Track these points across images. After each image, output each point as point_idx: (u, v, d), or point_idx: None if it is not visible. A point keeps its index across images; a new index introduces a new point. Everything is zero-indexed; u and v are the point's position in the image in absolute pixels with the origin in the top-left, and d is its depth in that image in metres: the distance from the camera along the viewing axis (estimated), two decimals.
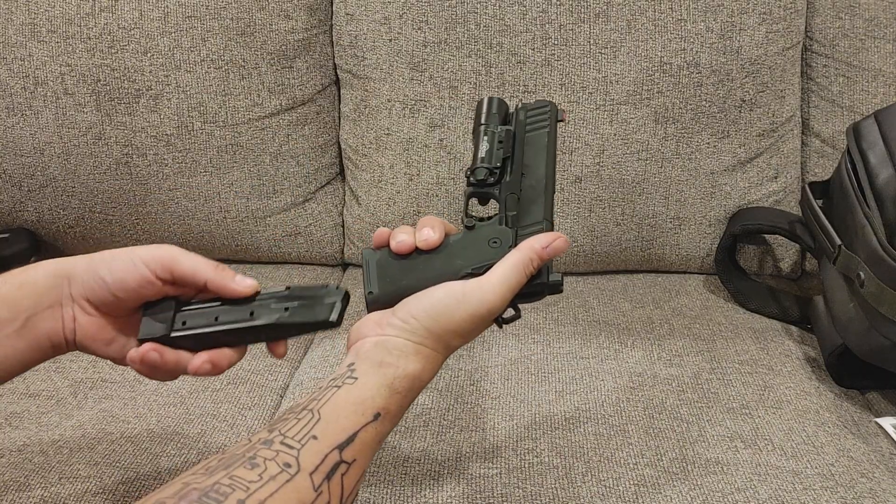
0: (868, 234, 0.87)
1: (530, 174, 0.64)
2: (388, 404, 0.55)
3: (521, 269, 0.59)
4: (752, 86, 1.09)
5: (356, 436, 0.52)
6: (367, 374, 0.55)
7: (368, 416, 0.53)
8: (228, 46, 1.09)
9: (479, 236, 0.62)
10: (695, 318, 1.05)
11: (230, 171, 1.13)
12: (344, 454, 0.51)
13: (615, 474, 0.78)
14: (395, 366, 0.56)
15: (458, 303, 0.58)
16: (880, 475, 0.79)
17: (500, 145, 0.65)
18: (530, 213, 0.63)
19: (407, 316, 0.58)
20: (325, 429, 0.51)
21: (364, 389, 0.54)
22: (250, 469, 0.47)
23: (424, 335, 0.58)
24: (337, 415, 0.52)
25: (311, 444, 0.50)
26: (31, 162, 1.12)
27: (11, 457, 0.80)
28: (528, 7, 1.07)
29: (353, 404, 0.53)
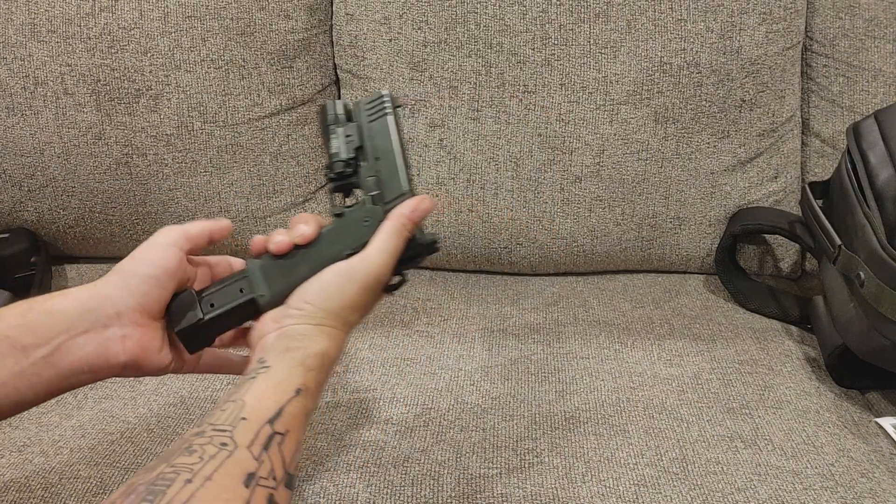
0: (868, 234, 0.87)
1: (384, 156, 0.68)
2: (305, 381, 0.56)
3: (397, 235, 0.63)
4: (752, 86, 1.09)
5: (283, 410, 0.53)
6: (277, 361, 0.56)
7: (290, 393, 0.54)
8: (228, 46, 1.09)
9: (351, 220, 0.65)
10: (695, 318, 1.05)
11: (230, 171, 1.13)
12: (275, 426, 0.52)
13: (615, 474, 0.78)
14: (303, 348, 0.58)
15: (347, 279, 0.61)
16: (880, 475, 0.79)
17: (348, 139, 0.69)
18: (392, 189, 0.66)
19: (301, 303, 0.60)
20: (251, 411, 0.52)
21: (279, 373, 0.55)
22: (189, 455, 0.47)
23: (322, 316, 0.60)
24: (259, 397, 0.53)
25: (241, 424, 0.51)
26: (31, 162, 1.12)
27: (11, 456, 0.80)
28: (528, 7, 1.07)
29: (273, 386, 0.54)
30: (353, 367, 0.94)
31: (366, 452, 0.80)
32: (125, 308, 0.60)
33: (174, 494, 0.44)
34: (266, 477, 0.49)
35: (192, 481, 0.45)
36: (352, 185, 0.69)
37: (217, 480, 0.46)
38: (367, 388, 0.90)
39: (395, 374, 0.92)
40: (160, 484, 0.45)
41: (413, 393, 0.89)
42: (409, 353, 0.96)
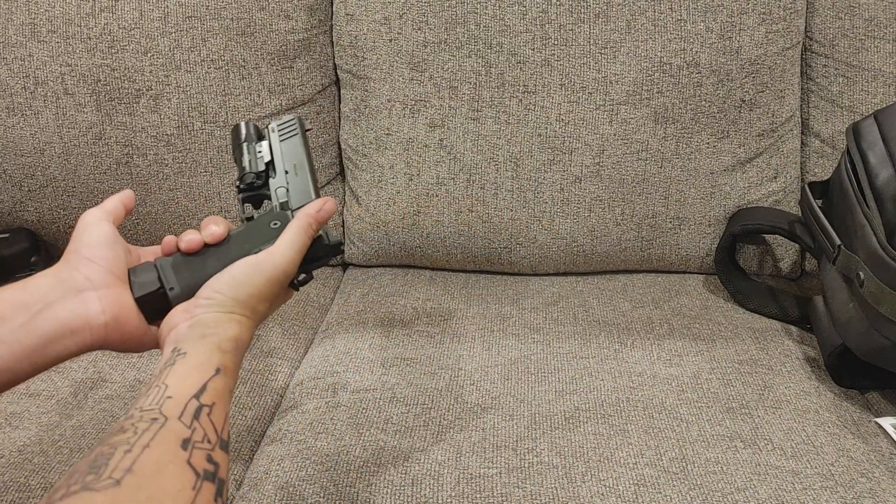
0: (868, 234, 0.87)
1: (293, 170, 0.73)
2: (223, 361, 0.58)
3: (303, 233, 0.67)
4: (752, 86, 1.09)
5: (206, 385, 0.55)
6: (194, 346, 0.58)
7: (211, 372, 0.56)
8: (228, 46, 1.09)
9: (260, 223, 0.69)
10: (695, 318, 1.05)
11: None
12: (202, 399, 0.54)
13: (615, 474, 0.78)
14: (217, 333, 0.60)
15: (255, 271, 0.63)
16: (880, 475, 0.79)
17: (259, 154, 0.74)
18: (300, 197, 0.71)
19: (211, 293, 0.63)
20: (175, 390, 0.54)
21: (197, 356, 0.57)
22: (123, 433, 0.49)
23: (232, 304, 0.62)
24: (182, 378, 0.55)
25: (168, 402, 0.53)
26: (31, 162, 1.12)
27: (11, 457, 0.80)
28: (528, 7, 1.07)
29: (193, 367, 0.56)
30: (353, 367, 0.94)
31: (366, 452, 0.80)
32: (92, 272, 0.62)
33: (116, 464, 0.46)
34: (201, 441, 0.51)
35: (132, 451, 0.47)
36: (262, 196, 0.73)
37: (154, 447, 0.48)
38: (367, 388, 0.90)
39: (395, 374, 0.92)
40: (101, 459, 0.47)
41: (413, 393, 0.89)
42: (409, 353, 0.96)
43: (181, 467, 0.49)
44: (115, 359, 0.96)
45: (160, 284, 0.65)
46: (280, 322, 1.05)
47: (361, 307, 1.08)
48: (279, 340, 1.01)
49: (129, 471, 0.46)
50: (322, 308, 1.12)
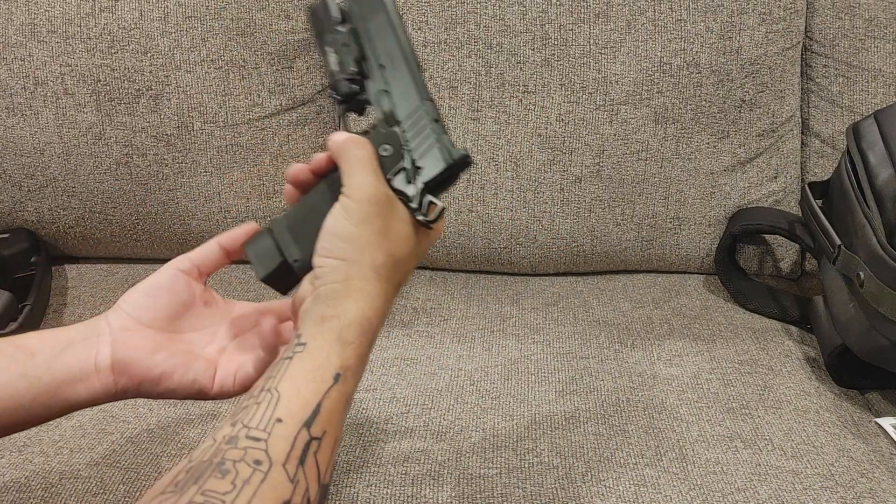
0: (868, 234, 0.87)
1: (388, 63, 0.60)
2: (344, 360, 0.52)
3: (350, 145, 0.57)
4: (752, 86, 1.09)
5: (321, 406, 0.50)
6: (313, 336, 0.53)
7: (329, 381, 0.51)
8: (228, 46, 1.09)
9: None
10: (695, 318, 1.05)
11: (230, 172, 1.13)
12: (312, 430, 0.49)
13: (615, 474, 0.78)
14: (337, 315, 0.53)
15: (345, 216, 0.54)
16: (880, 475, 0.79)
17: (346, 49, 0.61)
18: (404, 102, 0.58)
19: (319, 259, 0.55)
20: (287, 407, 0.49)
21: (316, 353, 0.52)
22: (221, 478, 0.45)
23: (343, 268, 0.54)
24: (297, 388, 0.50)
25: (276, 429, 0.48)
26: (31, 162, 1.12)
27: (11, 457, 0.80)
28: (528, 7, 1.07)
29: (310, 372, 0.51)
30: None
31: (366, 452, 0.80)
32: (115, 317, 0.61)
33: None
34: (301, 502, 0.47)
35: None
36: (363, 104, 0.61)
37: None
38: (367, 388, 0.90)
39: (395, 374, 0.92)
40: None
41: (413, 393, 0.89)
42: (409, 353, 0.96)
43: None
44: None
45: (282, 257, 0.58)
46: None
47: None
48: None
49: None
50: None
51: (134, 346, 0.59)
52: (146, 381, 0.60)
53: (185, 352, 0.61)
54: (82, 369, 0.58)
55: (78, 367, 0.58)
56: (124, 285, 1.13)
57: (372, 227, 0.54)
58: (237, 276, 1.12)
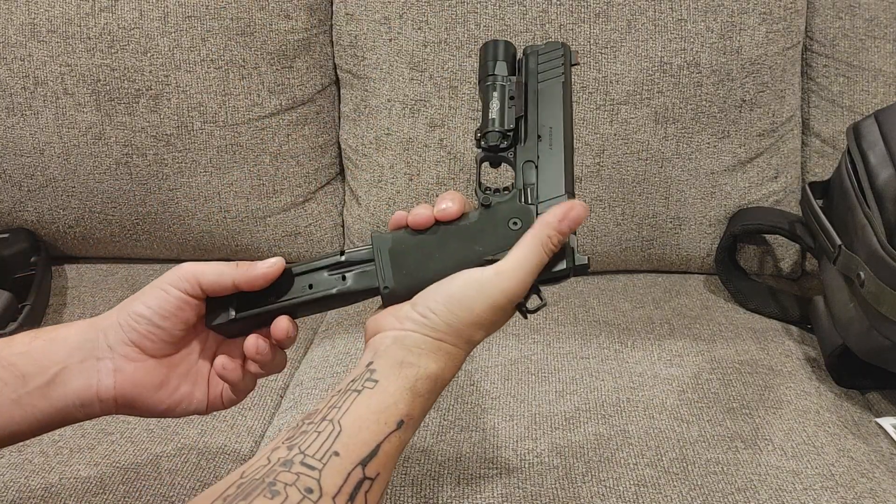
0: (868, 234, 0.87)
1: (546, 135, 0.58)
2: (410, 410, 0.52)
3: (540, 250, 0.56)
4: (752, 86, 1.09)
5: (379, 448, 0.50)
6: (387, 376, 0.53)
7: (392, 426, 0.51)
8: (228, 46, 1.09)
9: (498, 216, 0.57)
10: (695, 318, 1.05)
11: (230, 171, 1.13)
12: (367, 470, 0.49)
13: (615, 474, 0.78)
14: (416, 366, 0.53)
15: (478, 293, 0.54)
16: (880, 475, 0.79)
17: (511, 102, 0.59)
18: (549, 184, 0.57)
19: (426, 310, 0.55)
20: (346, 443, 0.49)
21: (385, 395, 0.52)
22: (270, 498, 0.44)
23: (445, 330, 0.55)
24: (359, 426, 0.50)
25: (332, 461, 0.47)
26: (31, 162, 1.12)
27: (11, 457, 0.80)
28: (528, 7, 1.07)
29: (376, 413, 0.51)
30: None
31: None
32: (116, 342, 0.57)
33: None
34: None
35: None
36: (503, 161, 0.59)
37: None
38: None
39: None
40: None
41: None
42: None
43: None
44: None
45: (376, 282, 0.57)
46: None
47: (361, 307, 1.07)
48: None
49: None
50: None
51: (138, 383, 0.58)
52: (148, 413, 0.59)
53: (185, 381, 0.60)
54: (83, 400, 0.57)
55: (78, 398, 0.57)
56: (124, 285, 1.13)
57: (492, 315, 0.55)
58: None
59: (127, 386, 0.57)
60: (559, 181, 0.57)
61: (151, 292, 0.58)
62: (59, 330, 0.58)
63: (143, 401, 0.58)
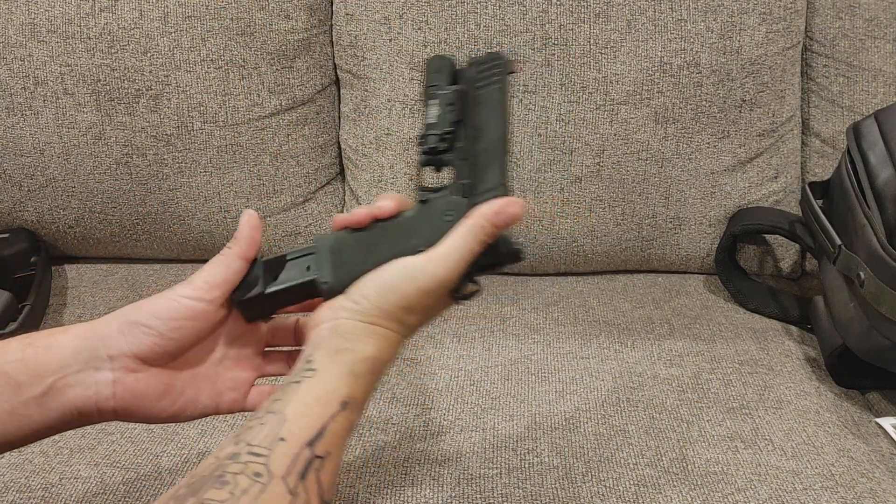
0: (868, 234, 0.87)
1: (483, 137, 0.60)
2: (352, 391, 0.53)
3: (472, 238, 0.56)
4: (752, 86, 1.09)
5: (325, 429, 0.50)
6: (325, 364, 0.53)
7: (335, 407, 0.51)
8: (228, 46, 1.09)
9: (433, 210, 0.59)
10: (695, 318, 1.05)
11: (230, 171, 1.13)
12: (315, 449, 0.49)
13: (615, 474, 0.78)
14: (352, 350, 0.54)
15: (408, 279, 0.56)
16: (880, 475, 0.79)
17: (450, 108, 0.62)
18: (485, 180, 0.58)
19: (358, 297, 0.56)
20: (291, 429, 0.49)
21: (325, 382, 0.52)
22: (220, 489, 0.44)
23: (377, 314, 0.56)
24: (302, 412, 0.50)
25: (279, 446, 0.48)
26: (31, 162, 1.12)
27: (11, 457, 0.80)
28: (528, 7, 1.07)
29: (317, 398, 0.51)
30: None
31: (366, 452, 0.80)
32: (117, 353, 0.55)
33: None
34: None
35: None
36: (443, 163, 0.61)
37: None
38: None
39: (395, 374, 0.92)
40: None
41: (413, 393, 0.89)
42: (409, 353, 0.96)
43: None
44: None
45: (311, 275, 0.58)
46: None
47: None
48: None
49: None
50: None
51: (139, 394, 0.56)
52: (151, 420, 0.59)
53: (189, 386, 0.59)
54: (81, 411, 0.55)
55: (76, 408, 0.55)
56: (124, 285, 1.13)
57: (423, 300, 0.56)
58: None
59: (127, 397, 0.56)
60: (494, 176, 0.59)
61: (163, 301, 0.57)
62: (54, 336, 0.56)
63: (144, 410, 0.57)
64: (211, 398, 0.60)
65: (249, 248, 0.60)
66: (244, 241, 0.60)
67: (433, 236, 0.57)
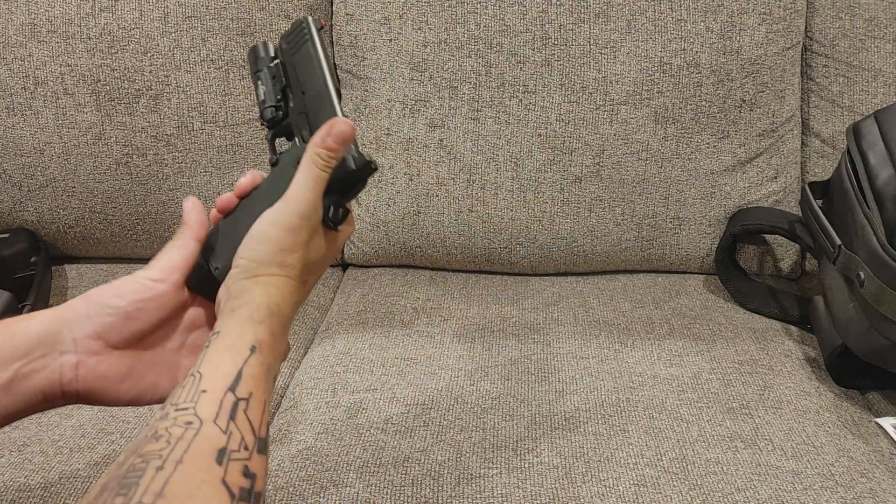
0: (868, 234, 0.87)
1: (308, 89, 0.63)
2: (257, 336, 0.54)
3: (312, 167, 0.59)
4: (752, 86, 1.09)
5: (241, 372, 0.52)
6: (226, 324, 0.55)
7: (245, 353, 0.53)
8: (228, 46, 1.09)
9: (283, 166, 0.62)
10: (695, 318, 1.05)
11: (230, 171, 1.13)
12: (237, 392, 0.51)
13: (615, 474, 0.78)
14: (244, 304, 0.56)
15: (271, 225, 0.58)
16: (880, 475, 0.79)
17: (273, 80, 0.66)
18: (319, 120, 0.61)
19: (236, 260, 0.59)
20: (209, 381, 0.51)
21: (229, 336, 0.54)
22: (156, 441, 0.46)
23: (255, 266, 0.58)
24: (215, 365, 0.52)
25: (202, 398, 0.50)
26: (31, 162, 1.12)
27: (11, 457, 0.80)
28: (528, 7, 1.07)
29: (226, 349, 0.53)
30: (353, 367, 0.94)
31: (366, 452, 0.80)
32: (82, 335, 0.58)
33: (147, 484, 0.43)
34: (237, 449, 0.48)
35: (164, 468, 0.45)
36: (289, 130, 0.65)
37: (188, 462, 0.45)
38: (367, 388, 0.90)
39: (395, 374, 0.92)
40: (132, 476, 0.44)
41: (413, 393, 0.89)
42: (409, 353, 0.96)
43: (215, 488, 0.45)
44: None
45: (205, 266, 0.61)
46: None
47: (361, 307, 1.08)
48: None
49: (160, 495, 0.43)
50: (322, 308, 1.12)
51: (101, 376, 0.58)
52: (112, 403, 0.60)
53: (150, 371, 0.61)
54: (46, 395, 0.57)
55: (41, 392, 0.57)
56: None
57: (293, 237, 0.58)
58: None
59: (90, 378, 0.58)
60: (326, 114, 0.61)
61: (127, 283, 0.59)
62: (18, 323, 0.58)
63: (105, 392, 0.59)
64: (170, 384, 0.62)
65: (200, 229, 0.63)
66: (194, 224, 0.63)
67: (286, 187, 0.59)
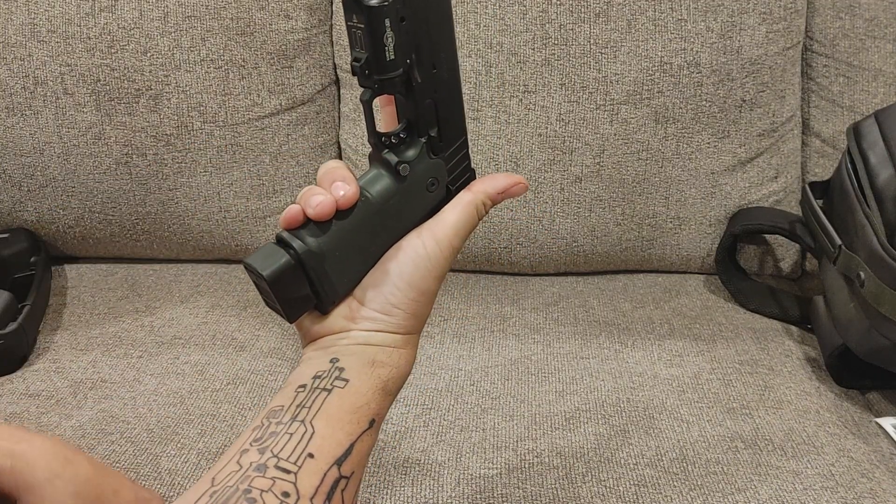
0: (868, 234, 0.87)
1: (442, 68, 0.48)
2: (380, 409, 0.51)
3: (474, 215, 0.53)
4: (752, 86, 1.09)
5: (353, 447, 0.48)
6: (359, 375, 0.50)
7: (364, 425, 0.49)
8: (228, 46, 1.09)
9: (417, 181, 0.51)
10: (695, 319, 1.05)
11: (230, 171, 1.13)
12: (342, 469, 0.47)
13: (615, 474, 0.78)
14: (390, 365, 0.51)
15: (428, 271, 0.52)
16: (880, 475, 0.79)
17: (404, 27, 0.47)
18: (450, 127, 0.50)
19: (387, 307, 0.52)
20: (320, 445, 0.47)
21: (358, 395, 0.50)
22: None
23: (411, 322, 0.52)
24: (332, 427, 0.48)
25: (307, 464, 0.46)
26: (31, 162, 1.12)
27: None
28: (528, 7, 1.07)
29: (349, 413, 0.49)
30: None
31: None
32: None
33: None
34: None
35: None
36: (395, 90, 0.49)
37: None
38: None
39: None
40: None
41: (413, 393, 0.89)
42: None
43: None
44: (114, 359, 0.96)
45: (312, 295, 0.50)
46: (280, 322, 1.05)
47: None
48: (279, 340, 1.01)
49: None
50: None
51: None
52: None
53: None
54: None
55: None
56: (124, 285, 1.13)
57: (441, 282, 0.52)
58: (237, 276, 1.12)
59: None
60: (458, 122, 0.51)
61: None
62: None
63: None
64: None
65: None
66: None
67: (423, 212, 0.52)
